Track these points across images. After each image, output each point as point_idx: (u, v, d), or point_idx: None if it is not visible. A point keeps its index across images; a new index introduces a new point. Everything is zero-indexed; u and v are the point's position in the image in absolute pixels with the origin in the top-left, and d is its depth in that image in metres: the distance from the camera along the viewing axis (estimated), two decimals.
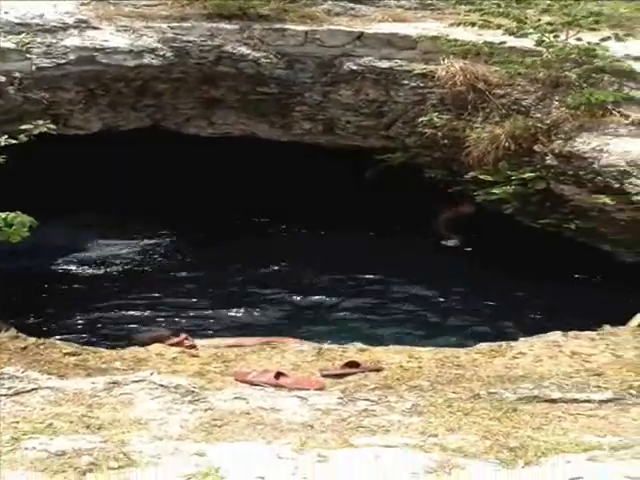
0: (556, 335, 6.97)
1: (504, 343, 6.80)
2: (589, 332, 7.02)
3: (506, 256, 10.01)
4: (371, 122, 11.17)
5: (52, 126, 8.91)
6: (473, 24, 10.78)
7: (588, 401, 5.05)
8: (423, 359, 6.49)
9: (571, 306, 9.17)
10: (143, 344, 7.14)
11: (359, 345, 6.98)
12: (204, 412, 4.61)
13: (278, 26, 11.23)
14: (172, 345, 7.42)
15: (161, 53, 10.58)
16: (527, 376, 5.88)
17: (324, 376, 6.28)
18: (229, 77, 10.99)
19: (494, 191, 10.08)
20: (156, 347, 6.89)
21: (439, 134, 10.60)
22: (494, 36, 10.67)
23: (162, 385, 4.87)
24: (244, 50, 10.94)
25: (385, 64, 11.03)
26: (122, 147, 10.55)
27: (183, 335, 7.81)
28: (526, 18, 10.58)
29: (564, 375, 5.80)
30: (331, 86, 11.17)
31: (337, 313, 9.41)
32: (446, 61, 10.66)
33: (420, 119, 10.73)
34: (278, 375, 6.16)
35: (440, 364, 6.31)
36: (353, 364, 6.42)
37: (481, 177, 10.20)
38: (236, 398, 4.84)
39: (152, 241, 10.71)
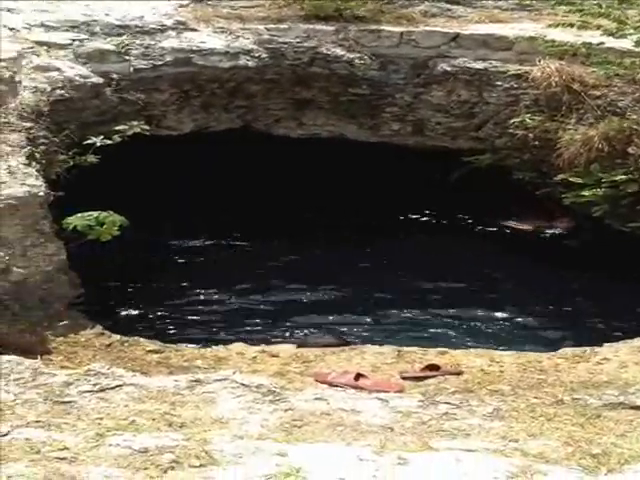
0: None
1: (588, 348, 6.73)
2: None
3: (595, 259, 9.88)
4: (461, 123, 11.06)
5: (146, 127, 9.12)
6: (572, 25, 10.52)
7: None
8: (504, 363, 6.48)
9: None
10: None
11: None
12: (284, 412, 4.64)
13: (374, 27, 11.18)
14: None
15: (256, 54, 10.63)
16: (612, 382, 5.83)
17: (404, 378, 6.31)
18: (322, 78, 10.99)
19: (583, 193, 9.91)
20: (236, 346, 6.98)
21: (530, 135, 10.45)
22: (592, 37, 10.44)
23: (243, 384, 4.92)
24: (339, 51, 10.94)
25: (480, 65, 10.92)
26: (212, 147, 10.63)
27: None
28: (627, 18, 10.37)
29: None
30: (423, 87, 11.09)
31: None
32: (542, 62, 10.51)
33: (512, 120, 10.60)
34: (358, 376, 6.22)
35: (522, 368, 6.29)
36: (433, 367, 6.43)
37: (571, 179, 10.02)
38: (316, 399, 4.87)
39: (241, 242, 10.68)
